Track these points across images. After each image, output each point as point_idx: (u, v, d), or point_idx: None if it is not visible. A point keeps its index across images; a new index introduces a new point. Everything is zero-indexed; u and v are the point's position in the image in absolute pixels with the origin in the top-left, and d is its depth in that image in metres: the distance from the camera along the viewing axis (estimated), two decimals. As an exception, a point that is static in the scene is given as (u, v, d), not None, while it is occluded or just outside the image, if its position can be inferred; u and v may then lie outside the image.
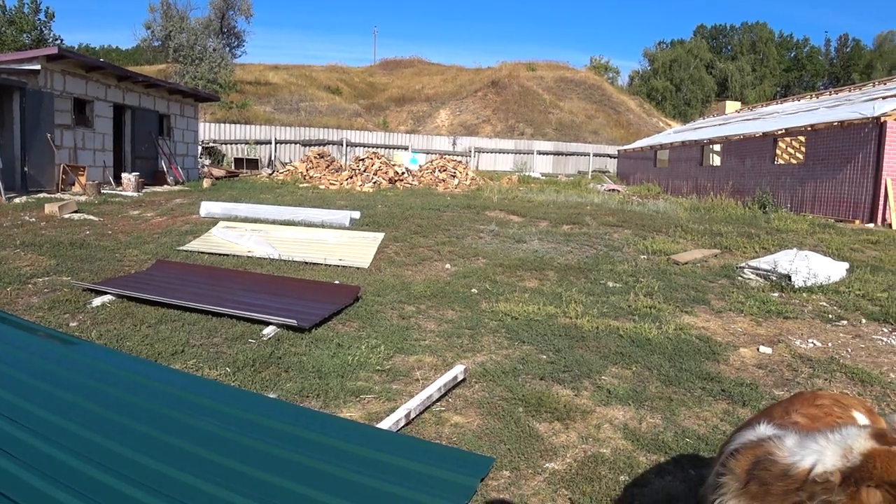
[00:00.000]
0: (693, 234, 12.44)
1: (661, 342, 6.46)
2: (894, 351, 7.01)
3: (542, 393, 5.05)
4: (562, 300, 7.72)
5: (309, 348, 5.71)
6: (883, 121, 17.03)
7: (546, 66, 58.07)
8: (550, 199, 17.53)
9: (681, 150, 29.43)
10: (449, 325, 6.64)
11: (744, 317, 7.80)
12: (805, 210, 19.27)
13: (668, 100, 69.61)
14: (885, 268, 10.99)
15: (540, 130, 44.84)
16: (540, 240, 11.25)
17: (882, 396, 5.61)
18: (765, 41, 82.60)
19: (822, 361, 6.36)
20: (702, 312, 7.82)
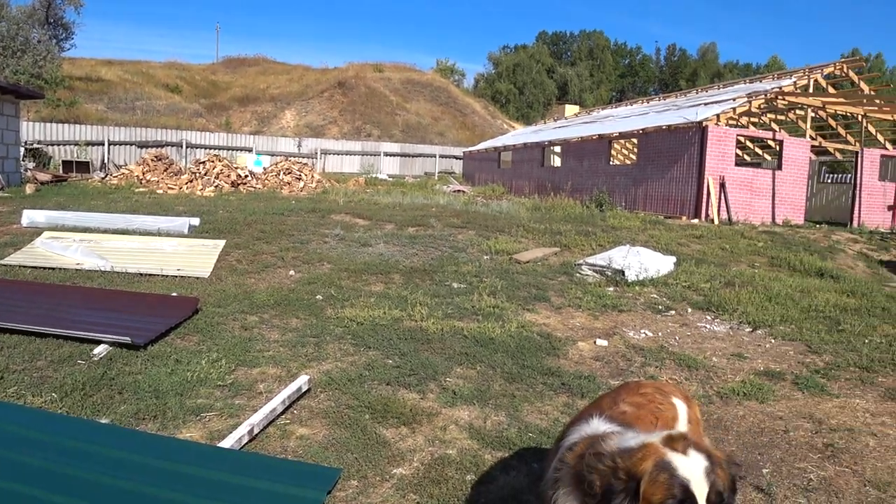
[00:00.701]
0: (534, 234, 12.91)
1: (505, 340, 6.68)
2: (716, 336, 7.60)
3: (388, 398, 5.08)
4: (407, 303, 7.80)
5: (145, 366, 5.44)
6: (705, 125, 18.39)
7: (393, 67, 58.31)
8: (397, 202, 17.63)
9: (523, 152, 30.45)
10: (293, 334, 6.54)
11: (582, 312, 8.19)
12: (638, 208, 20.47)
13: (511, 102, 71.74)
14: (708, 260, 11.88)
15: (387, 132, 44.98)
16: (385, 243, 11.30)
17: (706, 379, 6.07)
18: (602, 48, 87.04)
19: (653, 350, 6.79)
20: (543, 309, 8.14)
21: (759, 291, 9.65)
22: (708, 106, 20.93)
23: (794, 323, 8.22)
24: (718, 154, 18.42)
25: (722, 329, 7.94)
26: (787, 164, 19.61)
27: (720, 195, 18.24)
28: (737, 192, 18.58)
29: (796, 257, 12.65)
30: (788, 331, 7.88)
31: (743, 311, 8.54)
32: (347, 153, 39.62)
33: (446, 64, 73.26)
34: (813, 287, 10.34)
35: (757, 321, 8.16)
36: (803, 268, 12.01)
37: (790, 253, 13.10)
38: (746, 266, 11.84)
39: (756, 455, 4.60)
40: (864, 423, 5.23)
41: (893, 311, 9.38)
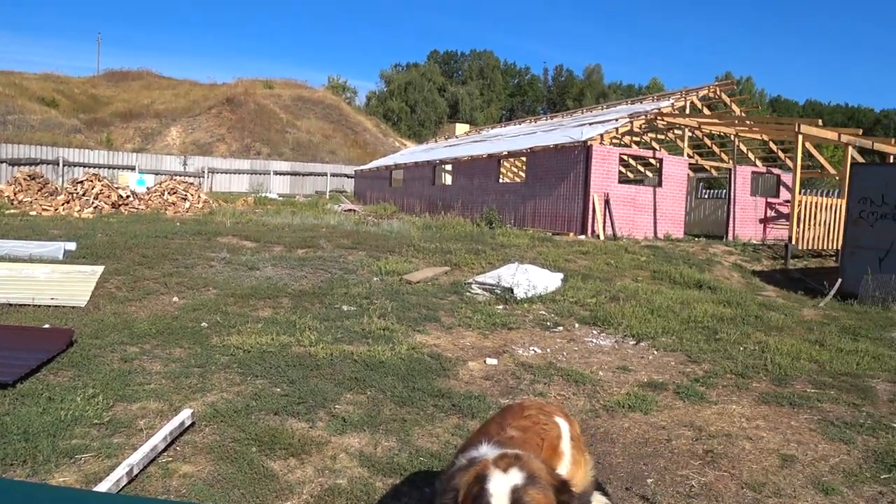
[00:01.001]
0: (425, 253, 12.96)
1: (395, 363, 6.65)
2: (602, 350, 7.82)
3: (276, 429, 4.95)
4: (296, 328, 7.66)
5: (13, 406, 5.10)
6: (589, 144, 19.00)
7: (283, 84, 57.56)
8: (286, 222, 17.34)
9: (415, 170, 30.61)
10: (177, 365, 6.30)
11: (472, 331, 8.27)
12: (527, 225, 20.89)
13: (403, 120, 72.06)
14: (594, 275, 12.24)
15: (277, 150, 44.30)
16: (274, 266, 11.08)
17: (593, 393, 6.23)
18: (492, 68, 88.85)
19: (541, 367, 6.91)
20: (433, 330, 8.17)
21: (642, 305, 10.02)
22: (593, 126, 21.67)
23: (675, 334, 8.57)
24: (603, 172, 19.07)
25: (608, 343, 8.18)
26: (667, 181, 20.50)
27: (605, 212, 18.87)
28: (621, 208, 19.26)
29: (676, 270, 13.21)
30: (670, 342, 8.21)
31: (627, 324, 8.84)
32: (236, 172, 38.79)
33: (338, 81, 73.08)
34: (692, 298, 10.83)
35: (640, 334, 8.46)
36: (683, 280, 12.55)
37: (671, 266, 13.67)
38: (630, 280, 12.27)
39: (641, 465, 4.75)
40: (741, 428, 5.49)
41: (765, 318, 9.95)
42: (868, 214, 12.72)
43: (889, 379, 7.19)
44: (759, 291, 12.93)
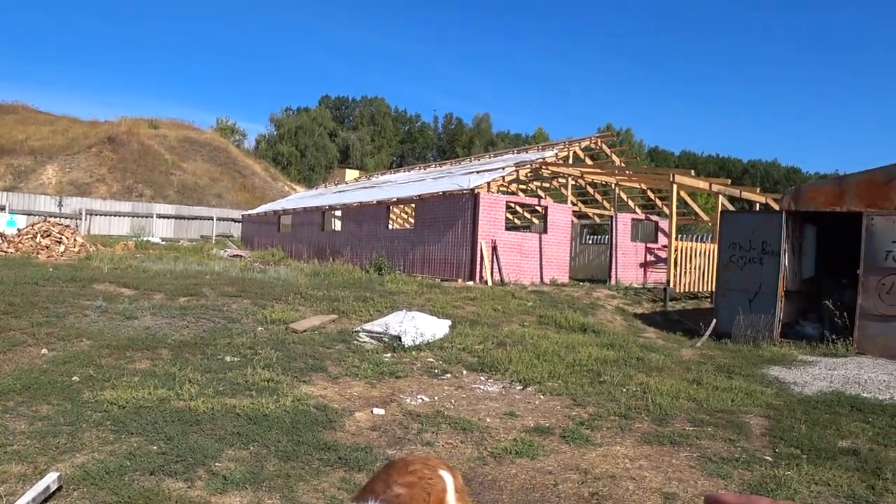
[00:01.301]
0: (312, 301, 12.74)
1: (279, 416, 6.45)
2: (490, 397, 7.85)
3: (151, 490, 4.68)
4: (175, 381, 7.32)
5: None
6: (477, 192, 19.34)
7: (170, 124, 55.87)
8: (168, 268, 16.71)
9: (304, 216, 30.27)
10: (44, 423, 5.88)
11: (359, 380, 8.14)
12: (416, 271, 20.95)
13: (293, 165, 71.40)
14: (482, 321, 12.35)
15: (161, 192, 42.88)
16: (153, 315, 10.59)
17: (481, 440, 6.22)
18: (383, 115, 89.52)
19: (429, 416, 6.86)
20: (320, 380, 8.00)
21: (528, 350, 10.16)
22: (481, 174, 22.10)
23: (561, 378, 8.72)
24: (490, 219, 19.42)
25: (495, 389, 8.23)
26: (552, 228, 21.07)
27: (493, 258, 19.17)
28: (508, 254, 19.62)
29: (562, 315, 13.51)
30: (556, 386, 8.34)
31: (514, 369, 8.93)
32: (116, 214, 37.20)
33: (227, 123, 71.84)
34: (577, 342, 11.08)
35: (527, 379, 8.56)
36: (568, 324, 12.85)
37: (556, 311, 13.97)
38: (517, 325, 12.45)
39: (528, 512, 4.77)
40: (625, 469, 5.61)
41: (646, 360, 10.29)
42: (738, 259, 13.45)
43: (761, 414, 7.56)
44: (641, 333, 13.37)
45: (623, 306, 16.41)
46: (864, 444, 6.56)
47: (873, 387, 9.04)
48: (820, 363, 10.57)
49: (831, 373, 9.83)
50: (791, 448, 6.30)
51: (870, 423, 7.37)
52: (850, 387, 9.03)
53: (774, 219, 13.08)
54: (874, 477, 5.60)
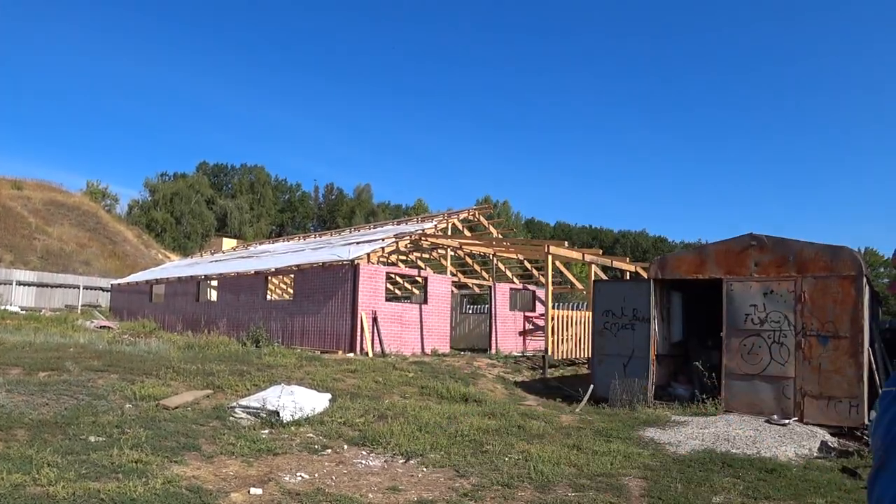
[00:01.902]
0: (185, 375, 12.18)
1: (149, 500, 6.05)
2: (372, 472, 7.68)
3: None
4: (32, 464, 6.75)
5: None
6: (357, 263, 19.29)
7: (35, 185, 53.05)
8: (28, 340, 15.63)
9: (178, 285, 29.22)
10: None
11: (235, 459, 7.80)
12: (296, 343, 20.51)
13: (168, 232, 69.14)
14: (363, 394, 12.17)
15: (22, 257, 40.38)
16: (9, 391, 9.81)
17: (362, 519, 6.05)
18: (262, 183, 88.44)
19: (309, 494, 6.63)
20: (193, 460, 7.60)
21: (410, 422, 10.07)
22: (360, 245, 22.09)
23: (444, 449, 8.67)
24: (370, 290, 19.36)
25: (377, 463, 8.07)
26: (432, 299, 21.22)
27: (373, 329, 19.04)
28: (389, 325, 19.56)
29: (443, 385, 13.50)
30: (438, 458, 8.27)
31: (396, 442, 8.81)
32: (-31, 281, 34.71)
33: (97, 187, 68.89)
34: (459, 412, 11.09)
35: (409, 451, 8.46)
36: (450, 395, 12.85)
37: (438, 382, 13.96)
38: (399, 397, 12.34)
39: None
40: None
41: (528, 427, 10.40)
42: (611, 325, 13.96)
43: (639, 475, 7.76)
44: (522, 401, 13.52)
45: (504, 375, 16.60)
46: (736, 498, 6.87)
47: (741, 442, 9.52)
48: (692, 422, 11.02)
49: (703, 431, 10.26)
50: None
51: (740, 477, 7.75)
52: (720, 444, 9.48)
53: (643, 287, 13.72)
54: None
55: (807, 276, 11.81)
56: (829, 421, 11.26)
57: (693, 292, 14.58)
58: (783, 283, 12.04)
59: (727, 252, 12.76)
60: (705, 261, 13.02)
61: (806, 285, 11.80)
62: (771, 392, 11.93)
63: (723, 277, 12.69)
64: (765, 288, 12.22)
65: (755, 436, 9.93)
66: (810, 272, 11.79)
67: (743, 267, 12.51)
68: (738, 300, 12.46)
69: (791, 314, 11.92)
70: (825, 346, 11.53)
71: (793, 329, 11.86)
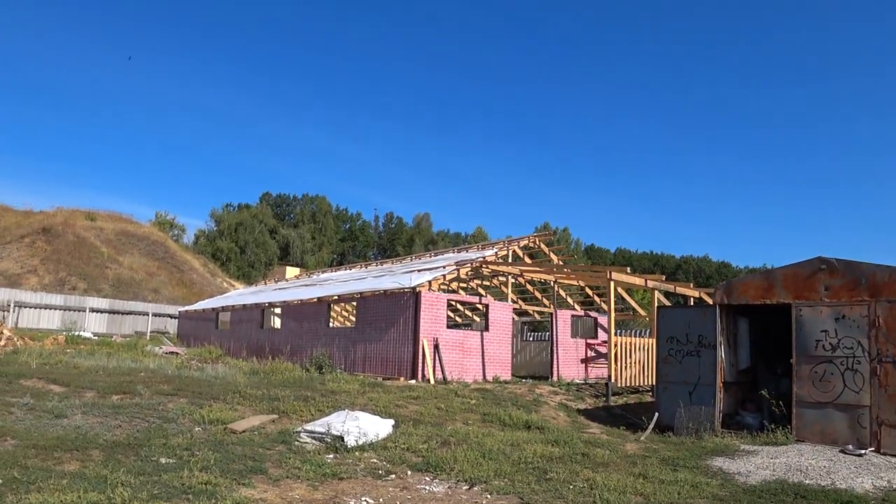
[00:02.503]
0: (251, 400, 12.39)
1: (218, 521, 6.17)
2: (436, 498, 7.66)
3: None
4: (107, 484, 6.94)
5: None
6: (418, 290, 19.39)
7: (107, 216, 54.99)
8: (101, 364, 16.13)
9: (243, 313, 29.80)
10: (-39, 532, 5.53)
11: (301, 483, 7.88)
12: (358, 370, 20.67)
13: (232, 261, 70.74)
14: (425, 420, 12.18)
15: (95, 285, 41.80)
16: (84, 413, 10.14)
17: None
18: (324, 213, 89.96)
19: (375, 519, 6.66)
20: (259, 483, 7.71)
21: (473, 448, 10.02)
22: (421, 272, 22.22)
23: (507, 476, 8.60)
24: (432, 317, 19.42)
25: (441, 489, 8.05)
26: (493, 326, 21.16)
27: (435, 356, 19.07)
28: (450, 352, 19.56)
29: (506, 412, 13.42)
30: (502, 485, 8.21)
31: (460, 469, 8.78)
32: (47, 307, 35.99)
33: (165, 217, 71.14)
34: (522, 440, 10.99)
35: (473, 478, 8.41)
36: (512, 422, 12.76)
37: (500, 409, 13.88)
38: (461, 424, 12.31)
39: None
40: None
41: (591, 455, 10.25)
42: (675, 352, 13.70)
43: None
44: (585, 429, 13.35)
45: (566, 402, 16.42)
46: (809, 533, 6.63)
47: (815, 473, 9.19)
48: (761, 452, 10.71)
49: (773, 461, 9.96)
50: (739, 541, 6.30)
51: (814, 511, 7.48)
52: (792, 474, 9.17)
53: (709, 312, 13.44)
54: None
55: (881, 300, 11.41)
56: (907, 451, 10.82)
57: (760, 318, 14.21)
58: (856, 308, 11.66)
59: (796, 276, 12.43)
60: (773, 285, 12.70)
61: (880, 309, 11.40)
62: (845, 421, 11.50)
63: (791, 302, 12.35)
64: (836, 313, 11.85)
65: (829, 466, 9.58)
66: (884, 296, 11.39)
67: (812, 291, 12.16)
68: (808, 326, 12.11)
69: (865, 339, 11.51)
70: (902, 372, 11.12)
71: (867, 355, 11.45)
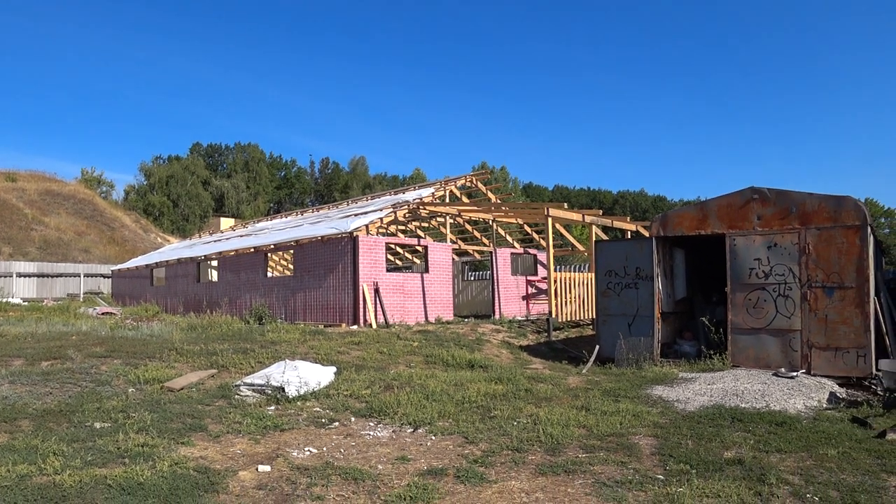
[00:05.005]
0: (189, 356, 12.12)
1: (156, 483, 5.98)
2: (380, 442, 7.63)
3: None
4: (38, 454, 6.68)
5: None
6: (356, 235, 19.15)
7: (29, 176, 52.95)
8: (30, 331, 15.57)
9: (178, 268, 29.16)
10: None
11: (242, 437, 7.75)
12: (299, 319, 20.46)
13: (165, 215, 69.09)
14: (367, 365, 12.12)
15: (21, 249, 40.34)
16: (11, 382, 9.74)
17: (373, 489, 5.99)
18: (257, 161, 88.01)
19: (318, 468, 6.57)
20: (199, 440, 7.54)
21: (416, 391, 10.02)
22: (358, 217, 21.93)
23: (452, 417, 8.63)
24: (371, 261, 19.24)
25: (385, 434, 8.02)
26: (433, 267, 21.10)
27: (375, 300, 18.97)
28: (391, 296, 19.47)
29: (448, 353, 13.45)
30: (447, 425, 8.23)
31: (403, 412, 8.76)
32: (-30, 276, 34.70)
33: (92, 174, 68.73)
34: (465, 379, 11.03)
35: (417, 420, 8.41)
36: (455, 362, 12.80)
37: (443, 349, 13.90)
38: (404, 367, 12.29)
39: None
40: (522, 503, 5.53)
41: (535, 391, 10.36)
42: (614, 285, 13.86)
43: (649, 434, 7.72)
44: (528, 365, 13.48)
45: (508, 339, 16.56)
46: (748, 452, 6.82)
47: (750, 397, 9.47)
48: (699, 379, 10.98)
49: (711, 387, 10.22)
50: (680, 464, 6.44)
51: (750, 431, 7.70)
52: (729, 399, 9.43)
53: (646, 245, 13.60)
54: (760, 483, 5.81)
55: (810, 228, 11.68)
56: (836, 372, 11.21)
57: (696, 248, 14.48)
58: (787, 236, 11.92)
59: (729, 206, 12.62)
60: (707, 216, 12.88)
61: (810, 237, 11.69)
62: (778, 345, 11.87)
63: (725, 232, 12.57)
64: (768, 241, 12.11)
65: (763, 389, 9.87)
66: (814, 223, 11.66)
67: (745, 221, 12.38)
68: (742, 254, 12.36)
69: (796, 266, 11.81)
70: (831, 297, 11.44)
71: (798, 281, 11.77)
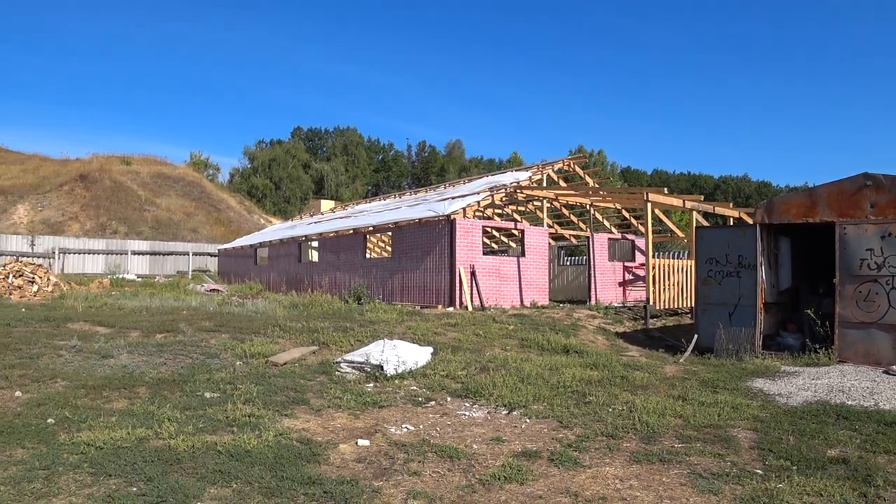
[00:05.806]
0: (291, 333, 12.57)
1: (262, 451, 6.28)
2: (475, 423, 7.74)
3: (130, 533, 4.52)
4: (154, 420, 7.13)
5: None
6: (453, 218, 19.31)
7: (142, 160, 55.48)
8: (144, 305, 16.46)
9: (280, 248, 30.09)
10: (18, 468, 5.67)
11: (342, 412, 8.01)
12: (396, 300, 20.82)
13: (268, 197, 71.19)
14: (463, 347, 12.25)
15: (135, 229, 42.49)
16: (130, 353, 10.38)
17: (468, 468, 6.09)
18: (356, 144, 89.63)
19: (415, 445, 6.74)
20: (302, 413, 7.85)
21: (512, 373, 10.08)
22: (455, 200, 22.08)
23: (546, 401, 8.64)
24: (467, 244, 19.38)
25: (480, 414, 8.13)
26: (529, 251, 21.08)
27: (472, 283, 19.10)
28: (487, 279, 19.57)
29: (544, 337, 13.44)
30: (541, 409, 8.26)
31: (499, 394, 8.84)
32: (90, 252, 36.74)
33: (200, 157, 71.50)
34: (560, 364, 11.02)
35: (512, 403, 8.47)
36: (551, 346, 12.78)
37: (538, 333, 13.89)
38: (499, 350, 12.37)
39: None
40: (615, 490, 5.53)
41: (631, 378, 10.25)
42: (715, 273, 13.50)
43: (748, 427, 7.53)
44: (623, 352, 13.34)
45: (604, 326, 16.40)
46: (853, 451, 6.55)
47: (857, 394, 9.06)
48: (803, 373, 10.60)
49: (815, 382, 9.84)
50: (780, 460, 6.26)
51: (856, 430, 7.38)
52: (834, 395, 9.05)
53: (749, 232, 13.16)
54: (865, 484, 5.58)
55: (929, 216, 11.06)
56: (954, 369, 10.62)
57: (802, 237, 13.91)
58: (903, 225, 11.31)
59: (840, 193, 12.05)
60: (816, 203, 12.35)
61: (928, 226, 11.06)
62: (889, 341, 11.28)
63: (835, 221, 12.02)
64: (882, 231, 11.49)
65: (872, 387, 9.43)
66: (933, 211, 11.04)
67: (857, 209, 11.80)
68: (853, 244, 11.79)
69: (912, 257, 11.21)
70: (950, 289, 10.84)
71: (914, 273, 11.17)
